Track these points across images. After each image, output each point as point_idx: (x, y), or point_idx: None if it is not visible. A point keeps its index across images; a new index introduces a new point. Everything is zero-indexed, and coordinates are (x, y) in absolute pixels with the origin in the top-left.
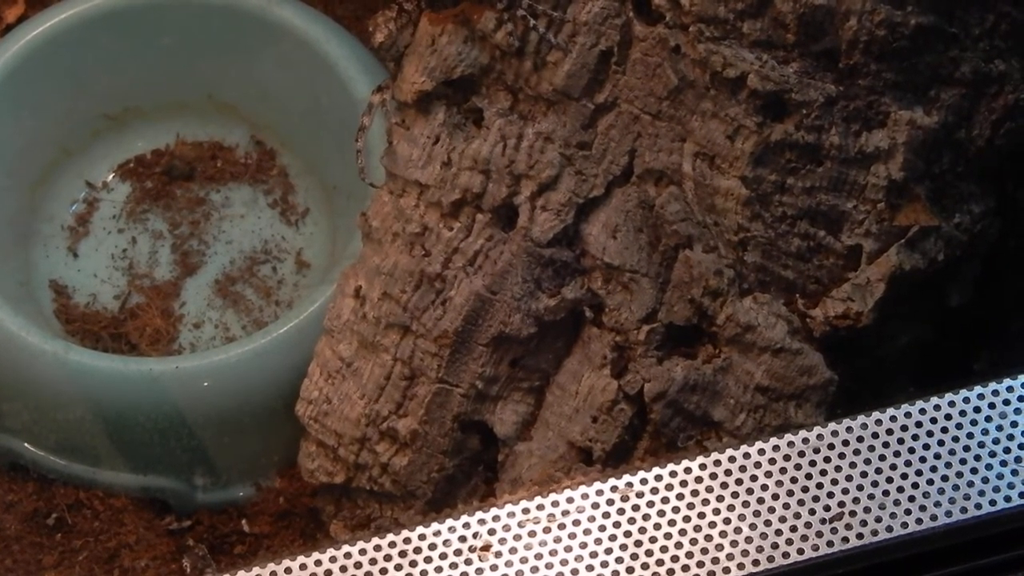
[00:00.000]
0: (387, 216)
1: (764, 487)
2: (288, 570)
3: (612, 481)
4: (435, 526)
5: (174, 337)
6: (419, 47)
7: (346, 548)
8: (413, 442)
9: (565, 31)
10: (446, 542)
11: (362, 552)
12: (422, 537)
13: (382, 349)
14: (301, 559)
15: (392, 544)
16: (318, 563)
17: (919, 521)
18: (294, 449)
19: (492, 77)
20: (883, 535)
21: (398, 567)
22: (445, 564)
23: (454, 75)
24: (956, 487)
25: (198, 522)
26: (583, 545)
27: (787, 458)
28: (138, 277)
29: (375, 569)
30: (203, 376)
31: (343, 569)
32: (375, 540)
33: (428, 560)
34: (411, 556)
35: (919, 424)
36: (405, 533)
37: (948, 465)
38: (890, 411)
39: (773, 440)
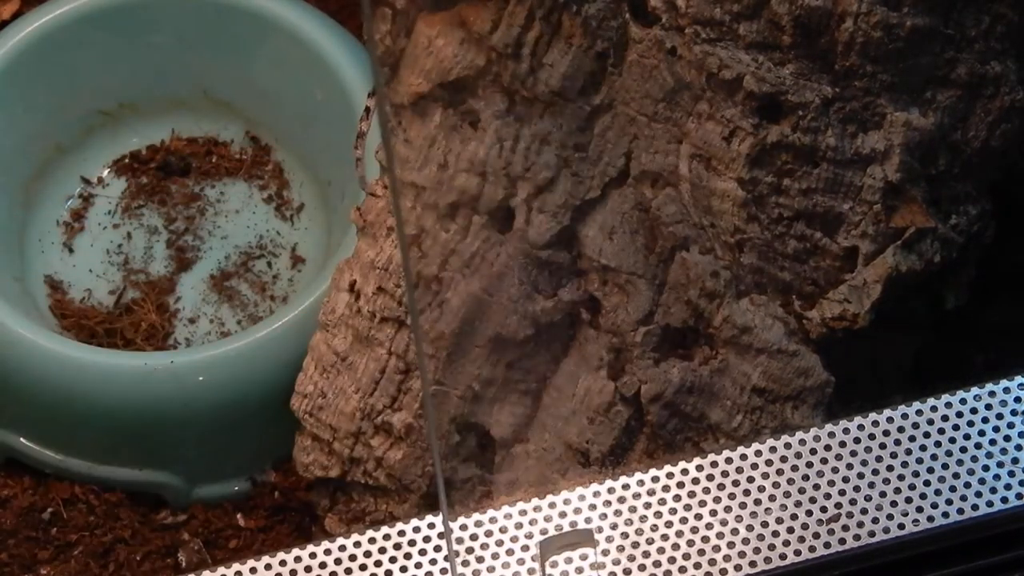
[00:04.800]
0: (382, 210)
1: (761, 488)
2: (283, 562)
3: (609, 483)
4: (430, 519)
5: (169, 332)
6: (415, 49)
7: (340, 540)
8: (408, 436)
9: (562, 32)
10: (441, 535)
11: (356, 544)
12: (416, 530)
13: (377, 343)
14: (296, 551)
15: (387, 536)
16: (312, 555)
17: (916, 522)
18: (289, 443)
19: (488, 79)
20: (880, 536)
21: (392, 559)
22: (440, 556)
23: (450, 77)
24: (953, 488)
25: (193, 516)
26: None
27: (784, 459)
28: (133, 272)
29: (370, 561)
30: (198, 371)
31: (338, 561)
32: (370, 532)
33: (423, 552)
34: (405, 548)
35: (916, 426)
36: (400, 526)
37: (945, 467)
38: (887, 412)
39: (770, 441)
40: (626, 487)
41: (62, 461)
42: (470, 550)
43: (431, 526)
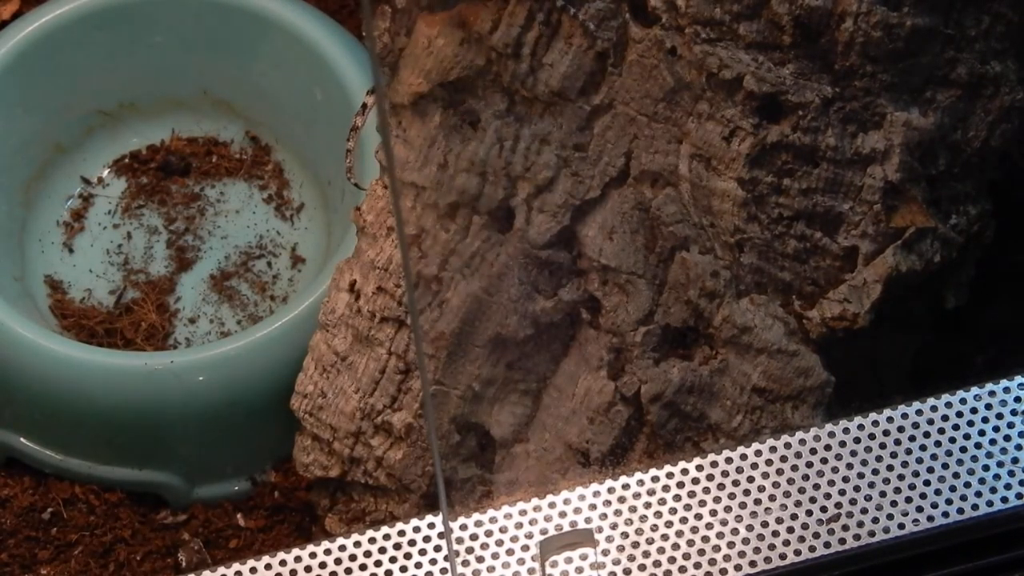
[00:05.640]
0: (381, 211)
1: (761, 488)
2: (283, 562)
3: (609, 482)
4: (430, 519)
5: (169, 332)
6: (415, 49)
7: (340, 540)
8: (408, 436)
9: (562, 32)
10: (440, 534)
11: (356, 544)
12: (416, 530)
13: (376, 343)
14: (296, 551)
15: (387, 536)
16: (312, 555)
17: (916, 522)
18: (289, 443)
19: (488, 79)
20: (880, 536)
21: (392, 559)
22: (440, 556)
23: (450, 77)
24: (953, 488)
25: (193, 516)
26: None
27: (784, 459)
28: (133, 272)
29: (370, 561)
30: (198, 371)
31: (338, 561)
32: (370, 532)
33: (423, 552)
34: (405, 548)
35: (916, 425)
36: (400, 526)
37: (945, 466)
38: (887, 412)
39: (770, 441)
40: (626, 487)
41: (62, 461)
42: (470, 550)
43: (431, 526)
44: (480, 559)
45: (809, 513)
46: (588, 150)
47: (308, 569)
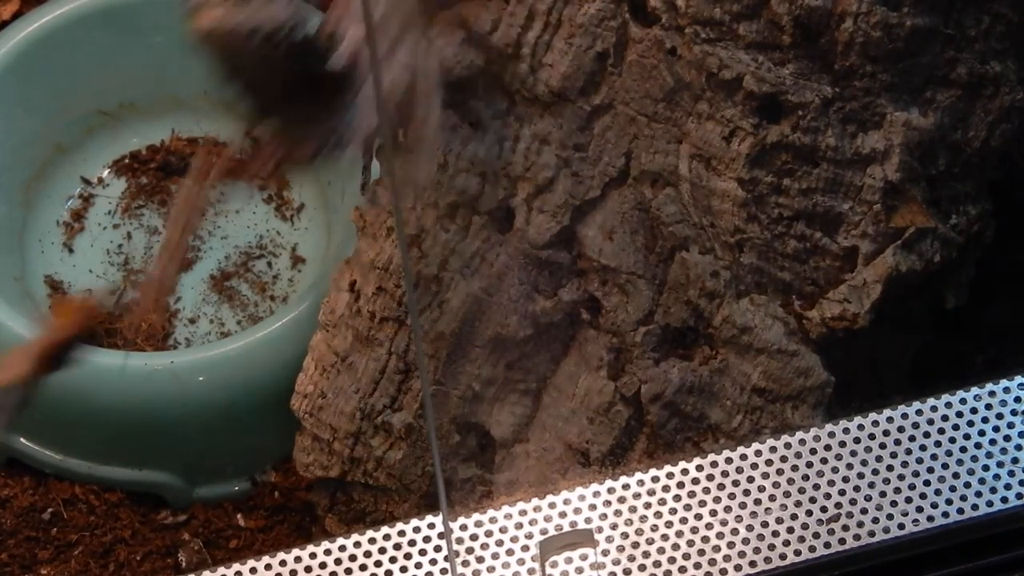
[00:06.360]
0: (382, 210)
1: (761, 488)
2: (283, 562)
3: (609, 483)
4: (430, 519)
5: (169, 332)
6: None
7: (340, 540)
8: (408, 436)
9: (562, 33)
10: (441, 535)
11: (356, 544)
12: (416, 530)
13: (377, 343)
14: (296, 552)
15: (387, 536)
16: (312, 556)
17: (916, 522)
18: (289, 443)
19: (488, 79)
20: (880, 536)
21: (392, 559)
22: (440, 556)
23: (450, 77)
24: (953, 488)
25: (193, 516)
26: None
27: (784, 459)
28: (133, 273)
29: (370, 561)
30: (198, 371)
31: (338, 561)
32: (370, 532)
33: (423, 552)
34: (405, 548)
35: (916, 425)
36: (400, 526)
37: (945, 466)
38: (887, 412)
39: (770, 441)
40: (626, 487)
41: (62, 461)
42: (470, 550)
43: (431, 526)
44: (480, 559)
45: (809, 513)
46: (588, 150)
47: (308, 569)
